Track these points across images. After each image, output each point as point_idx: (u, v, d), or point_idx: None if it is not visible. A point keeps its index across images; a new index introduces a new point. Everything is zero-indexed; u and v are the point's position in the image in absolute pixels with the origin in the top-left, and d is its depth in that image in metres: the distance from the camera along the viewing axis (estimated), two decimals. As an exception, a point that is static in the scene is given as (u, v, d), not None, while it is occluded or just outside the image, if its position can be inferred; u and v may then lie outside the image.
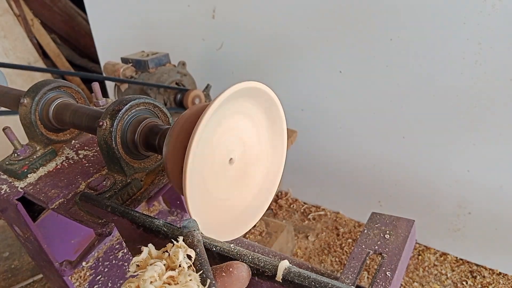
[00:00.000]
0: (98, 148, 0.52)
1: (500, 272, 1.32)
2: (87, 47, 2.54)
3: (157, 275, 0.26)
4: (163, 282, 0.26)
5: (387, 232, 0.43)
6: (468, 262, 1.37)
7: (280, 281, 0.31)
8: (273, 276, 0.31)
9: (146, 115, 0.51)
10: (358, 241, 0.43)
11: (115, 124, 0.47)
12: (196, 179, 0.38)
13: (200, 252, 0.30)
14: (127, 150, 0.49)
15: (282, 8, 1.33)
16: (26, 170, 0.56)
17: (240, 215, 0.47)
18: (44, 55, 2.42)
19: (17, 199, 0.54)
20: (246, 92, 0.39)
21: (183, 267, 0.28)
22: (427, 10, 1.08)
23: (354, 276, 0.39)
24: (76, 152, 0.61)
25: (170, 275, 0.27)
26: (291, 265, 0.31)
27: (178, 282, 0.26)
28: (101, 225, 0.46)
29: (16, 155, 0.57)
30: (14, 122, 0.61)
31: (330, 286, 0.29)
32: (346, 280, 0.39)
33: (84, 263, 0.81)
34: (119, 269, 0.83)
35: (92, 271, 0.81)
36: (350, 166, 1.50)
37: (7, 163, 0.57)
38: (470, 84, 1.10)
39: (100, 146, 0.48)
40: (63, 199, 0.51)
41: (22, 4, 2.29)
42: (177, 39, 1.68)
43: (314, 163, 1.60)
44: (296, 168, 1.65)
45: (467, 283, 1.30)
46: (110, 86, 2.12)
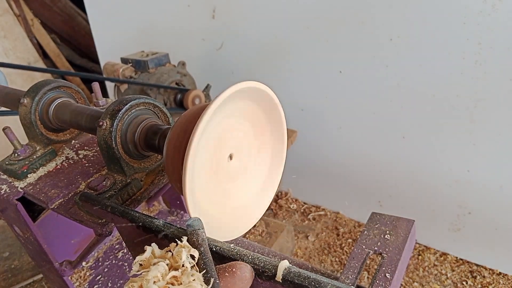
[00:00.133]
0: (98, 148, 0.52)
1: (500, 272, 1.32)
2: (87, 47, 2.53)
3: (160, 275, 0.26)
4: (166, 282, 0.26)
5: (387, 232, 0.43)
6: (468, 262, 1.37)
7: (280, 281, 0.30)
8: (273, 276, 0.31)
9: (146, 115, 0.51)
10: (358, 241, 0.43)
11: (115, 124, 0.47)
12: (196, 179, 0.38)
13: (205, 251, 0.30)
14: (127, 150, 0.49)
15: (282, 8, 1.33)
16: (26, 170, 0.56)
17: (240, 215, 0.47)
18: (44, 55, 2.42)
19: (17, 199, 0.54)
20: (246, 92, 0.39)
21: (186, 267, 0.27)
22: (427, 10, 1.08)
23: (354, 276, 0.39)
24: (76, 152, 0.61)
25: (174, 275, 0.27)
26: (291, 265, 0.31)
27: (182, 282, 0.26)
28: (101, 225, 0.46)
29: (16, 155, 0.57)
30: (14, 122, 0.61)
31: (330, 286, 0.29)
32: (346, 280, 0.39)
33: (84, 263, 0.81)
34: (119, 269, 0.83)
35: (92, 271, 0.81)
36: (350, 166, 1.50)
37: (7, 163, 0.57)
38: (470, 84, 1.10)
39: (100, 146, 0.48)
40: (63, 199, 0.51)
41: (22, 4, 2.29)
42: (177, 39, 1.68)
43: (314, 163, 1.60)
44: (296, 168, 1.65)
45: (467, 283, 1.30)
46: (110, 86, 2.12)
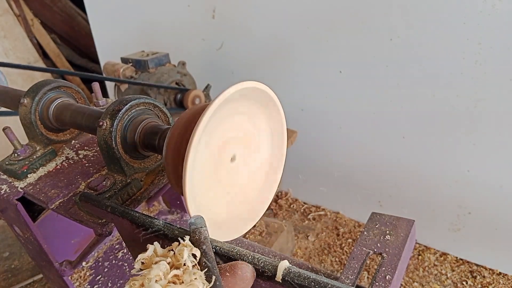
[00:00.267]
0: (98, 148, 0.52)
1: (500, 272, 1.32)
2: (87, 47, 2.54)
3: (162, 273, 0.26)
4: (168, 281, 0.26)
5: (387, 232, 0.43)
6: (468, 262, 1.37)
7: (280, 281, 0.30)
8: (273, 276, 0.31)
9: (146, 115, 0.51)
10: (358, 241, 0.43)
11: (115, 124, 0.47)
12: (196, 179, 0.38)
13: (207, 249, 0.30)
14: (127, 150, 0.49)
15: (282, 8, 1.33)
16: (26, 170, 0.56)
17: (240, 215, 0.47)
18: (44, 55, 2.43)
19: (17, 199, 0.54)
20: (246, 92, 0.39)
21: (188, 265, 0.27)
22: (427, 10, 1.08)
23: (354, 276, 0.39)
24: (76, 152, 0.61)
25: (175, 274, 0.27)
26: (291, 265, 0.31)
27: (183, 281, 0.26)
28: (101, 225, 0.46)
29: (16, 155, 0.57)
30: (14, 122, 0.61)
31: (330, 286, 0.29)
32: (346, 280, 0.39)
33: (84, 263, 0.81)
34: (119, 269, 0.83)
35: (92, 271, 0.81)
36: (350, 166, 1.50)
37: (7, 163, 0.57)
38: (470, 84, 1.10)
39: (100, 146, 0.48)
40: (63, 199, 0.51)
41: (22, 4, 2.29)
42: (177, 39, 1.68)
43: (314, 163, 1.60)
44: (296, 168, 1.65)
45: (467, 283, 1.30)
46: (110, 86, 2.12)
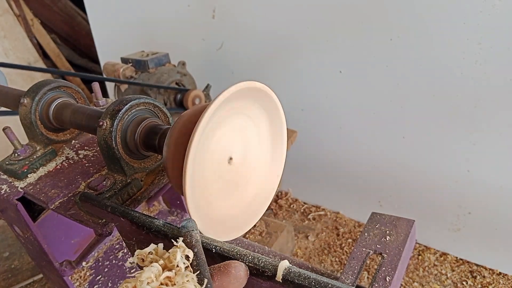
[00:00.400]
0: (98, 148, 0.52)
1: (500, 272, 1.32)
2: (87, 47, 2.54)
3: (153, 275, 0.26)
4: (160, 283, 0.26)
5: (387, 232, 0.43)
6: (468, 262, 1.37)
7: (280, 281, 0.31)
8: (273, 276, 0.31)
9: (146, 115, 0.51)
10: (358, 241, 0.43)
11: (115, 124, 0.47)
12: (196, 179, 0.38)
13: (198, 252, 0.30)
14: (127, 150, 0.49)
15: (282, 8, 1.33)
16: (26, 170, 0.56)
17: (240, 215, 0.47)
18: (44, 55, 2.42)
19: (17, 199, 0.54)
20: (246, 92, 0.39)
21: (180, 267, 0.28)
22: (427, 10, 1.08)
23: (354, 276, 0.39)
24: (76, 152, 0.61)
25: (167, 275, 0.27)
26: (291, 265, 0.31)
27: (175, 283, 0.26)
28: (101, 225, 0.46)
29: (16, 155, 0.57)
30: (14, 122, 0.61)
31: (330, 286, 0.29)
32: (346, 280, 0.39)
33: (84, 263, 0.81)
34: (119, 269, 0.83)
35: (92, 271, 0.81)
36: (350, 166, 1.50)
37: (7, 163, 0.57)
38: (470, 84, 1.10)
39: (100, 146, 0.48)
40: (63, 199, 0.51)
41: (22, 4, 2.29)
42: (177, 39, 1.68)
43: (314, 163, 1.60)
44: (296, 168, 1.65)
45: (467, 283, 1.30)
46: (110, 86, 2.12)
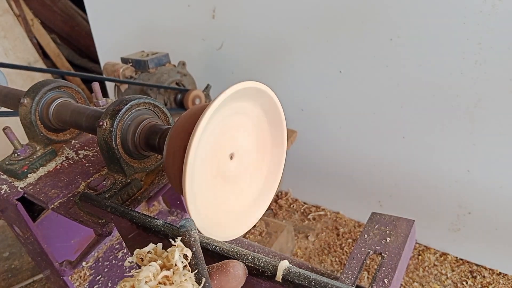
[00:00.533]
0: (98, 148, 0.52)
1: (500, 272, 1.32)
2: (87, 47, 2.54)
3: (152, 275, 0.26)
4: (158, 282, 0.26)
5: (387, 232, 0.43)
6: (468, 262, 1.37)
7: (280, 281, 0.31)
8: (273, 276, 0.31)
9: (146, 115, 0.51)
10: (358, 241, 0.43)
11: (115, 124, 0.47)
12: (196, 179, 0.38)
13: (197, 252, 0.30)
14: (127, 150, 0.49)
15: (282, 8, 1.33)
16: (26, 170, 0.56)
17: (240, 215, 0.47)
18: (44, 55, 2.42)
19: (17, 199, 0.54)
20: (246, 92, 0.39)
21: (178, 266, 0.28)
22: (427, 10, 1.08)
23: (354, 276, 0.39)
24: (76, 152, 0.61)
25: (165, 274, 0.27)
26: (291, 265, 0.31)
27: (173, 282, 0.26)
28: (101, 225, 0.46)
29: (16, 155, 0.57)
30: (14, 122, 0.61)
31: (330, 286, 0.29)
32: (346, 280, 0.39)
33: (84, 263, 0.81)
34: (119, 269, 0.83)
35: (92, 271, 0.81)
36: (350, 166, 1.50)
37: (7, 163, 0.57)
38: (470, 84, 1.10)
39: (100, 146, 0.48)
40: (63, 199, 0.51)
41: (22, 4, 2.29)
42: (177, 39, 1.68)
43: (314, 163, 1.60)
44: (296, 168, 1.65)
45: (467, 283, 1.30)
46: (110, 86, 2.12)
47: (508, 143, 1.12)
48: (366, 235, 0.44)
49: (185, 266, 0.28)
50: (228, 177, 0.44)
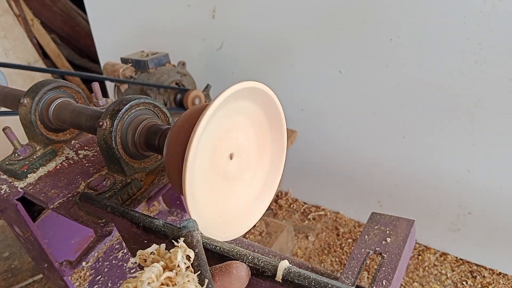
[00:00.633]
0: (98, 148, 0.52)
1: (500, 272, 1.32)
2: (87, 47, 2.54)
3: (154, 276, 0.26)
4: (160, 283, 0.26)
5: (387, 232, 0.43)
6: (468, 262, 1.37)
7: (280, 281, 0.31)
8: (273, 276, 0.31)
9: (146, 115, 0.51)
10: (358, 241, 0.43)
11: (115, 124, 0.47)
12: (196, 179, 0.38)
13: (199, 253, 0.30)
14: (127, 150, 0.49)
15: (282, 8, 1.33)
16: (26, 170, 0.56)
17: (240, 215, 0.47)
18: (44, 55, 2.42)
19: (17, 199, 0.54)
20: (246, 92, 0.39)
21: (181, 267, 0.28)
22: (427, 10, 1.08)
23: (354, 276, 0.39)
24: (76, 152, 0.61)
25: (168, 276, 0.27)
26: (291, 265, 0.31)
27: (176, 283, 0.26)
28: (101, 225, 0.46)
29: (16, 155, 0.57)
30: (14, 122, 0.61)
31: (330, 286, 0.29)
32: (346, 280, 0.39)
33: (84, 263, 0.81)
34: (119, 269, 0.83)
35: (92, 271, 0.81)
36: (350, 166, 1.50)
37: (7, 163, 0.57)
38: (470, 84, 1.10)
39: (100, 146, 0.48)
40: (63, 199, 0.51)
41: (22, 4, 2.29)
42: (177, 39, 1.68)
43: (314, 163, 1.60)
44: (296, 168, 1.65)
45: (467, 283, 1.30)
46: (110, 86, 2.12)
47: (508, 143, 1.12)
48: (366, 235, 0.44)
49: (187, 267, 0.28)
50: (228, 177, 0.44)
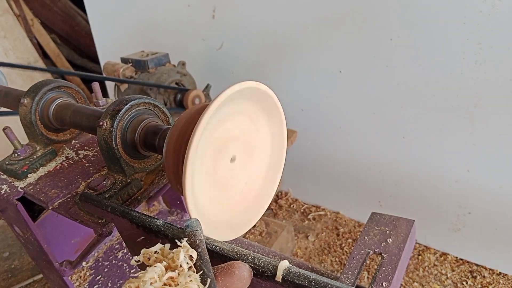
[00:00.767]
0: (98, 148, 0.52)
1: (500, 272, 1.32)
2: (87, 47, 2.54)
3: (157, 276, 0.26)
4: (163, 283, 0.26)
5: (387, 232, 0.43)
6: (468, 262, 1.37)
7: (280, 281, 0.31)
8: (273, 276, 0.31)
9: (146, 115, 0.51)
10: (358, 241, 0.43)
11: (115, 124, 0.47)
12: (196, 179, 0.38)
13: (202, 252, 0.30)
14: (127, 150, 0.49)
15: (282, 8, 1.33)
16: (26, 170, 0.56)
17: (240, 215, 0.47)
18: (44, 55, 2.42)
19: (17, 199, 0.54)
20: (246, 92, 0.39)
21: (183, 268, 0.28)
22: (427, 10, 1.08)
23: (354, 276, 0.39)
24: (76, 152, 0.61)
25: (170, 276, 0.27)
26: (291, 265, 0.31)
27: (178, 283, 0.26)
28: (101, 225, 0.46)
29: (16, 155, 0.57)
30: (14, 122, 0.61)
31: (330, 286, 0.29)
32: (346, 280, 0.39)
33: (84, 263, 0.81)
34: (119, 269, 0.83)
35: (92, 271, 0.81)
36: (350, 166, 1.50)
37: (7, 163, 0.57)
38: (470, 84, 1.10)
39: (100, 146, 0.48)
40: (63, 199, 0.51)
41: (22, 4, 2.29)
42: (177, 39, 1.68)
43: (314, 163, 1.60)
44: (296, 168, 1.65)
45: (467, 283, 1.30)
46: (110, 86, 2.12)
47: (508, 143, 1.12)
48: (366, 235, 0.44)
49: (190, 267, 0.28)
50: (228, 176, 0.44)
